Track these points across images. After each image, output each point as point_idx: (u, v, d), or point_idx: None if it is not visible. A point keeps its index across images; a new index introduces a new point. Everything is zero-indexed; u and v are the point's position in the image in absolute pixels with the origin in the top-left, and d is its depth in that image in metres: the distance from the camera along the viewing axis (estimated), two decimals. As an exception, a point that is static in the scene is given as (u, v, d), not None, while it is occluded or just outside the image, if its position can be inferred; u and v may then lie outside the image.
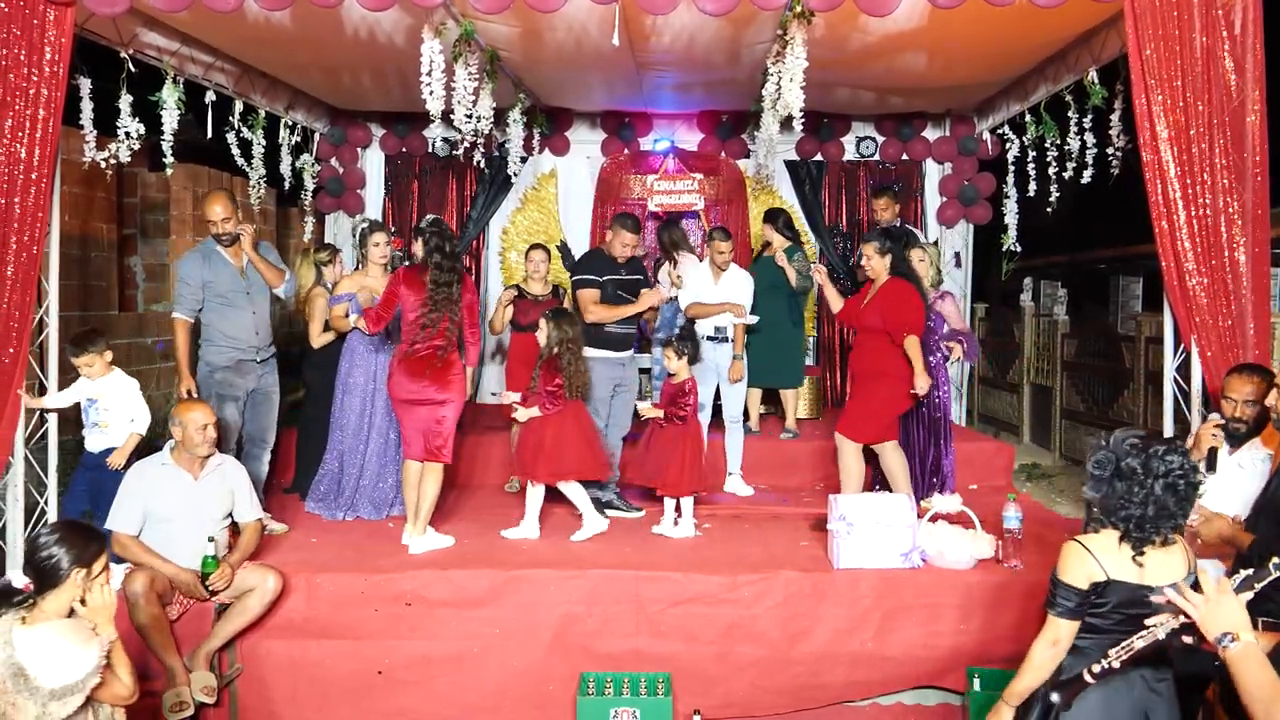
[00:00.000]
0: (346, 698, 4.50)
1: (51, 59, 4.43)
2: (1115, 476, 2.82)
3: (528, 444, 5.25)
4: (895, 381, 5.42)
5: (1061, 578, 2.88)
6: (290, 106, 7.63)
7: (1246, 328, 4.42)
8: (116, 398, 4.96)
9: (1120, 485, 2.81)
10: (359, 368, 5.72)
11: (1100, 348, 8.80)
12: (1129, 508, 2.79)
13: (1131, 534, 2.81)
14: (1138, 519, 2.79)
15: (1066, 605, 2.86)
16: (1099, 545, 2.87)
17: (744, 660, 4.52)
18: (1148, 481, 2.77)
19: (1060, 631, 2.88)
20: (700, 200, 8.77)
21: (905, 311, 5.37)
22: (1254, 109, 4.37)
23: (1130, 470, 2.79)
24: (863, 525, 4.64)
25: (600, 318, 5.69)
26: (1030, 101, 6.93)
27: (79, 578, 2.96)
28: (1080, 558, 2.86)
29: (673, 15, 4.85)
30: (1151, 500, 2.77)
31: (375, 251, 5.75)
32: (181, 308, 5.34)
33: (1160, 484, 2.76)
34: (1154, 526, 2.79)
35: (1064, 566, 2.90)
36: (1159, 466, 2.77)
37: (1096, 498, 2.89)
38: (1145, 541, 2.80)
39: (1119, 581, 2.82)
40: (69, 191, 7.03)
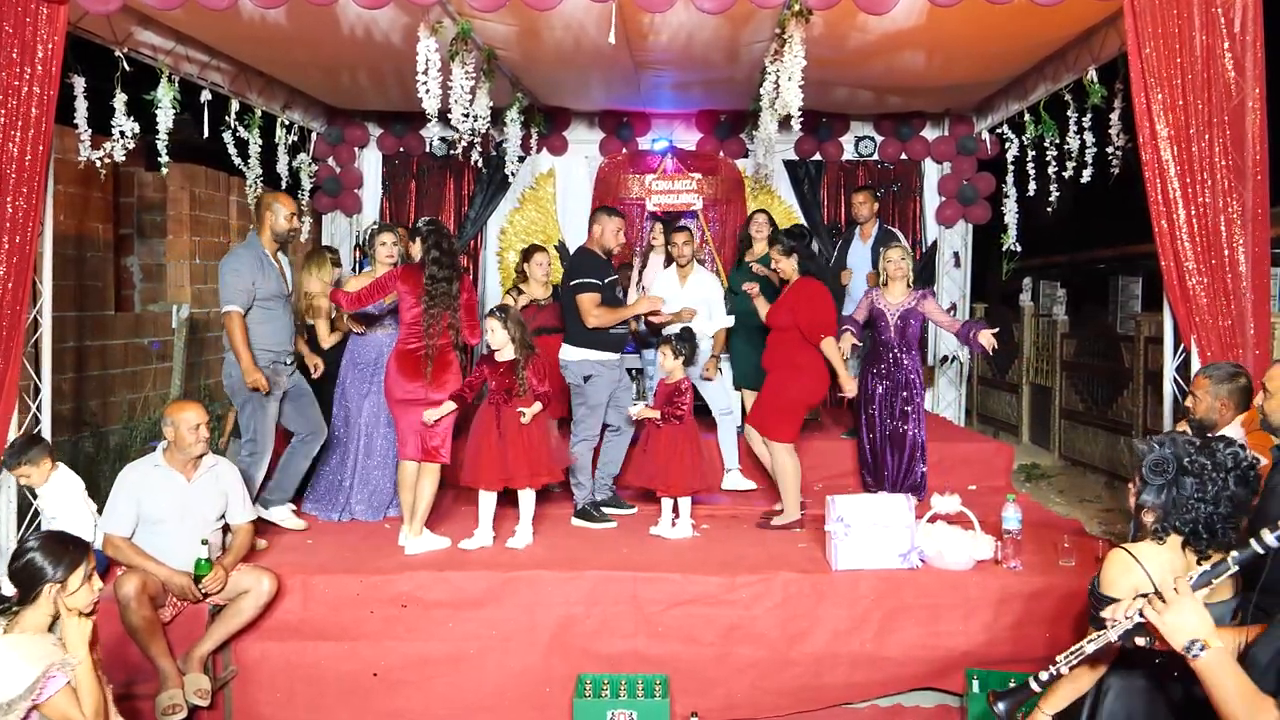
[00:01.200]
0: (342, 700, 4.47)
1: (44, 57, 4.41)
2: (1181, 475, 2.66)
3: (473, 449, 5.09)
4: (806, 379, 5.46)
5: (1104, 590, 2.71)
6: (287, 106, 7.61)
7: (1246, 328, 4.40)
8: (62, 503, 4.55)
9: (1189, 483, 2.65)
10: (358, 369, 5.70)
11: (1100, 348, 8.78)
12: (1199, 507, 2.63)
13: (1200, 536, 2.64)
14: (1207, 519, 2.63)
15: None
16: (1148, 554, 2.71)
17: (743, 661, 4.49)
18: (1219, 476, 2.62)
19: None
20: (699, 200, 8.76)
21: (815, 311, 5.40)
22: (1254, 108, 4.36)
23: (1199, 467, 2.64)
24: (861, 526, 4.62)
25: (603, 322, 5.61)
26: (1029, 101, 6.92)
27: (52, 593, 2.88)
28: (1126, 568, 2.70)
29: (670, 13, 4.83)
30: (1225, 496, 2.62)
31: (382, 251, 5.73)
32: (236, 300, 5.17)
33: (1233, 477, 2.62)
34: (1224, 526, 2.64)
35: (1108, 577, 2.73)
36: (1227, 459, 2.63)
37: (1158, 502, 2.71)
38: (1214, 544, 2.64)
39: None
40: (65, 191, 7.01)
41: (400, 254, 5.80)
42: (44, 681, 2.72)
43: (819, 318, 5.39)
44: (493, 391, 5.09)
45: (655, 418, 5.33)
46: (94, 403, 7.24)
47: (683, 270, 6.47)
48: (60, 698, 2.75)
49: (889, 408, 5.88)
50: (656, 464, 5.31)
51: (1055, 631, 4.43)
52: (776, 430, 5.48)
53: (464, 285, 5.14)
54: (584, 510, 5.64)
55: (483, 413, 5.13)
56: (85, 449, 6.96)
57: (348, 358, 5.76)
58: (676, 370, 5.40)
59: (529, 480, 5.11)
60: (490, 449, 5.01)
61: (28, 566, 2.91)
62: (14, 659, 2.74)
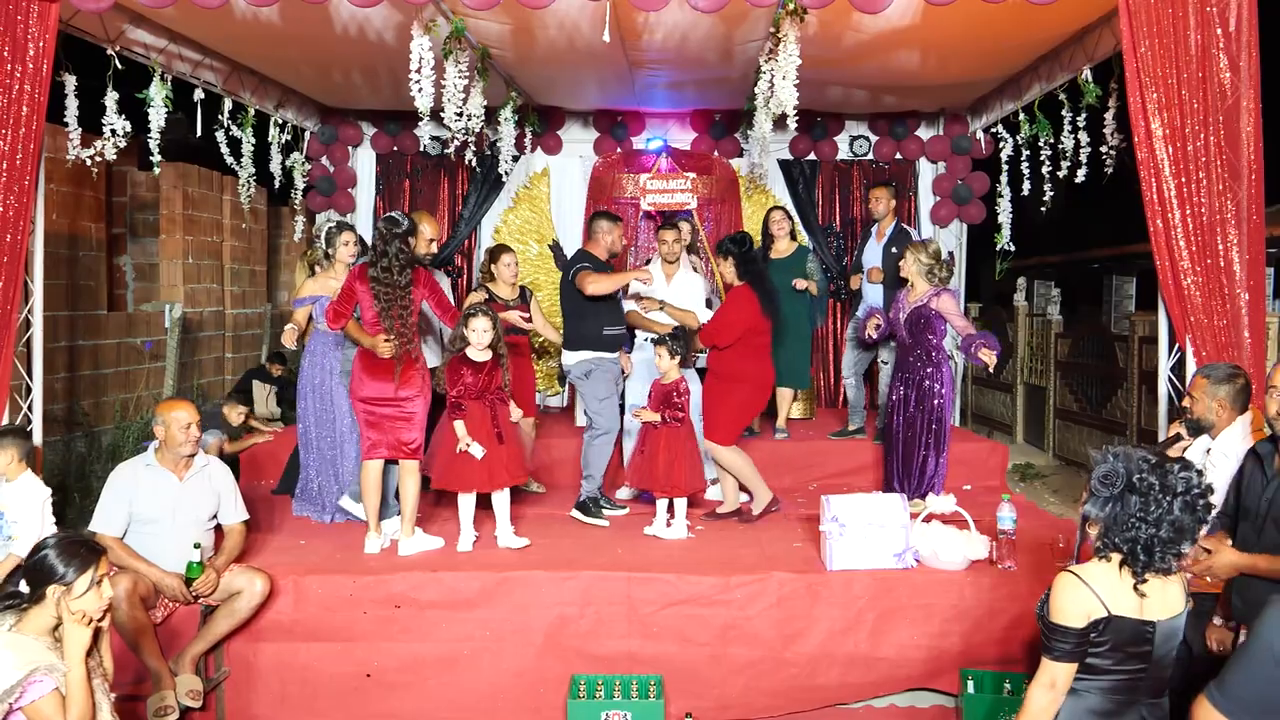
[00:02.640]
0: (335, 700, 4.45)
1: (35, 55, 4.39)
2: (1127, 492, 2.58)
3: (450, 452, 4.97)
4: (748, 388, 5.55)
5: (1055, 620, 2.63)
6: (280, 104, 7.59)
7: (1242, 327, 4.40)
8: (21, 507, 4.30)
9: (1134, 501, 2.57)
10: (320, 370, 5.64)
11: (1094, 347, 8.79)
12: (1140, 528, 2.56)
13: (1138, 558, 2.58)
14: (1146, 541, 2.56)
15: (1064, 648, 2.62)
16: (1096, 576, 2.63)
17: (737, 662, 4.48)
18: (1165, 499, 2.54)
19: (1058, 675, 2.63)
20: (693, 199, 8.73)
21: (720, 314, 5.53)
22: (1248, 107, 4.36)
23: (1146, 486, 2.55)
24: (855, 526, 4.61)
25: (601, 288, 5.61)
26: (1024, 100, 6.92)
27: (55, 595, 2.85)
28: (1075, 592, 2.62)
29: (664, 12, 4.82)
30: (1167, 520, 2.54)
31: (344, 251, 5.65)
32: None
33: (1179, 502, 2.54)
34: (1164, 551, 2.56)
35: (1057, 605, 2.63)
36: (1177, 483, 2.55)
37: (1101, 516, 2.64)
38: (1150, 568, 2.58)
39: (1120, 617, 2.59)
40: (57, 190, 6.99)
41: (359, 253, 5.75)
42: (26, 684, 2.69)
43: (716, 321, 5.52)
44: (479, 391, 4.99)
45: (655, 420, 5.31)
46: (86, 402, 7.22)
47: (669, 267, 6.47)
48: (44, 703, 2.72)
49: (904, 410, 5.79)
50: (657, 465, 5.29)
51: (1050, 631, 4.42)
52: (714, 434, 5.58)
53: (420, 280, 5.03)
54: (584, 504, 5.65)
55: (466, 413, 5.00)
56: (77, 449, 6.94)
57: (308, 360, 5.69)
58: (672, 370, 5.38)
59: (519, 478, 5.12)
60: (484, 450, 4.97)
61: (40, 564, 2.88)
62: (4, 657, 2.72)
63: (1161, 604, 2.62)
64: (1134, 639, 2.60)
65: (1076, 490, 7.86)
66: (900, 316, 5.75)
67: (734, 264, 5.59)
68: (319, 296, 5.59)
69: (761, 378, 5.61)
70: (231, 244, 9.20)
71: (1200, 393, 3.92)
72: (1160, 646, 2.65)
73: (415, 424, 5.02)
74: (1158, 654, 2.66)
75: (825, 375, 8.97)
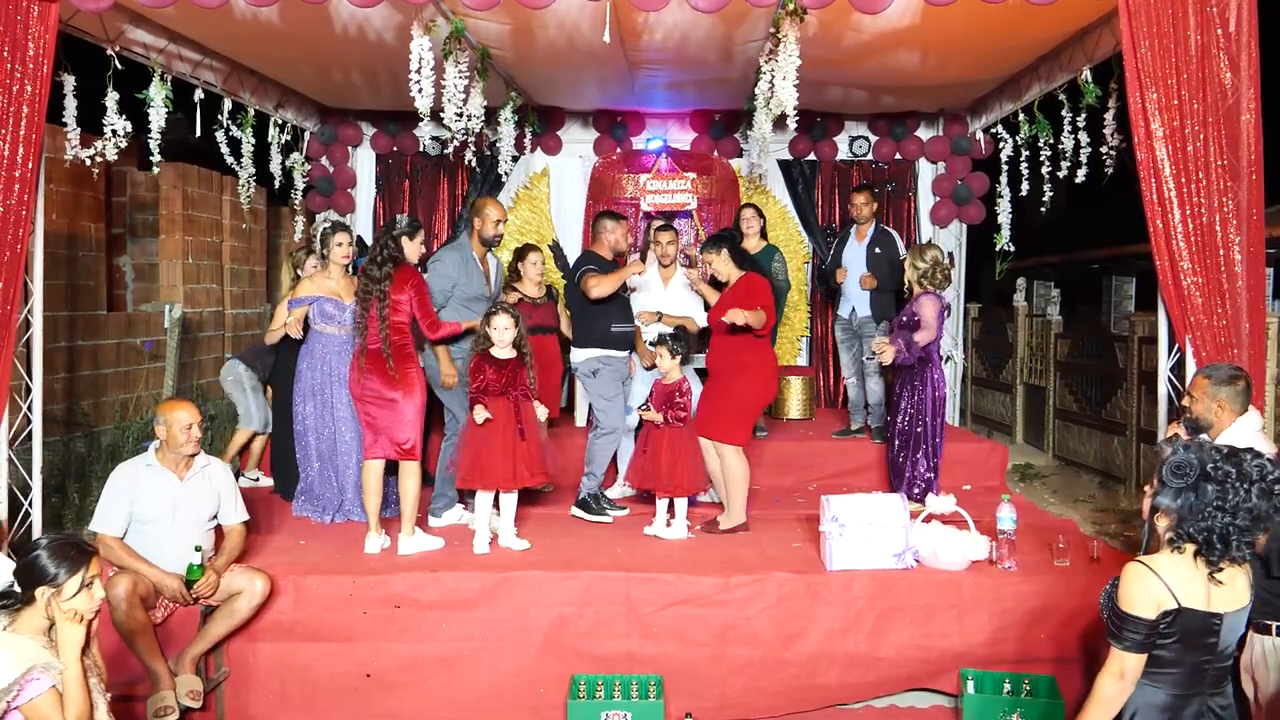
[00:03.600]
0: (335, 701, 4.46)
1: (35, 55, 4.38)
2: (1202, 481, 2.59)
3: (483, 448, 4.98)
4: (754, 379, 5.44)
5: (1127, 609, 2.63)
6: (280, 105, 7.59)
7: (1241, 327, 4.40)
8: None
9: (1210, 490, 2.58)
10: (316, 371, 5.64)
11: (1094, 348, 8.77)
12: (1216, 516, 2.56)
13: (1214, 547, 2.58)
14: (1223, 530, 2.56)
15: (1135, 638, 2.62)
16: (1167, 568, 2.63)
17: (737, 662, 4.48)
18: (1241, 487, 2.55)
19: (1127, 664, 2.64)
20: (693, 200, 8.74)
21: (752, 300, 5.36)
22: (1249, 107, 4.35)
23: (1223, 474, 2.56)
24: (855, 526, 4.61)
25: (604, 289, 5.62)
26: (1024, 100, 6.92)
27: (45, 596, 2.85)
28: (1146, 583, 2.62)
29: (664, 12, 4.82)
30: (1244, 508, 2.55)
31: (338, 252, 5.64)
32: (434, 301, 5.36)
33: (1256, 489, 2.55)
34: (1239, 539, 2.57)
35: (1128, 594, 2.64)
36: (1252, 471, 2.56)
37: (1174, 506, 2.64)
38: (1227, 556, 2.58)
39: (1189, 609, 2.60)
40: (57, 190, 6.98)
41: (355, 253, 5.79)
42: (23, 682, 2.69)
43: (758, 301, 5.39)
44: (501, 388, 4.99)
45: (658, 420, 5.30)
46: (86, 403, 7.21)
47: (665, 270, 6.47)
48: (42, 701, 2.72)
49: (898, 410, 5.78)
50: (660, 465, 5.29)
51: (1050, 632, 4.43)
52: (726, 433, 5.41)
53: (404, 280, 5.05)
54: (584, 501, 5.67)
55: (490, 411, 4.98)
56: (77, 449, 6.93)
57: (305, 361, 5.67)
58: (674, 370, 5.38)
59: (540, 478, 5.14)
60: (507, 447, 4.94)
61: (31, 565, 2.88)
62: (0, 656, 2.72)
63: (1230, 595, 2.63)
64: (1201, 631, 2.62)
65: (1076, 491, 7.85)
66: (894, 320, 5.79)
67: (729, 255, 5.53)
68: (316, 297, 5.58)
69: (766, 366, 5.49)
70: (231, 244, 9.20)
71: (1200, 393, 3.92)
72: (1225, 638, 2.67)
73: (407, 424, 5.02)
74: (1222, 645, 2.67)
75: (825, 375, 8.97)
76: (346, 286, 5.64)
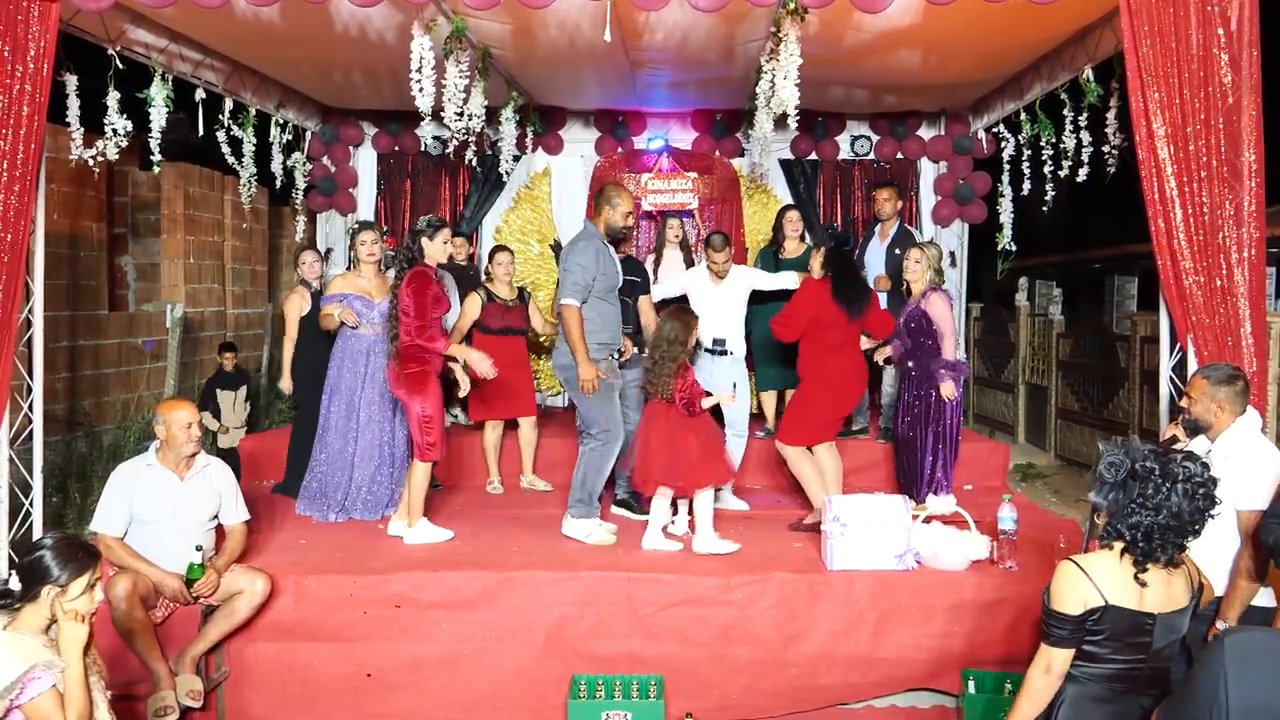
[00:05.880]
0: (336, 701, 4.45)
1: (36, 55, 4.37)
2: (1129, 478, 2.65)
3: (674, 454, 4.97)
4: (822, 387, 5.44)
5: (1053, 605, 2.71)
6: (281, 104, 7.59)
7: (1243, 326, 4.39)
8: None
9: (1134, 488, 2.64)
10: (347, 369, 5.66)
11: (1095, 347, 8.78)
12: (1139, 514, 2.62)
13: (1138, 545, 2.63)
14: (1146, 528, 2.62)
15: (1060, 634, 2.70)
16: (1096, 566, 2.69)
17: (738, 662, 4.48)
18: (1164, 486, 2.60)
19: (1054, 659, 2.72)
20: (694, 199, 8.74)
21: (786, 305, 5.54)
22: (1250, 107, 4.34)
23: (1146, 472, 2.62)
24: (857, 526, 4.61)
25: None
26: (1025, 100, 6.91)
27: (50, 595, 2.85)
28: (1074, 581, 2.69)
29: (665, 12, 4.81)
30: (1166, 508, 2.59)
31: (363, 250, 5.74)
32: (577, 295, 5.13)
33: (1179, 489, 2.59)
34: (1163, 539, 2.61)
35: (1056, 591, 2.72)
36: (1179, 471, 2.60)
37: (1104, 503, 2.71)
38: (1150, 557, 2.63)
39: (1117, 607, 2.65)
40: (58, 190, 6.99)
41: (382, 252, 5.82)
42: (25, 681, 2.69)
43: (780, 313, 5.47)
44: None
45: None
46: (87, 402, 7.22)
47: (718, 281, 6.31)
48: (43, 700, 2.72)
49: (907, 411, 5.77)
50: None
51: (1051, 632, 4.42)
52: (783, 432, 5.50)
53: (409, 280, 5.03)
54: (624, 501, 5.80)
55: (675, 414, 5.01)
56: (78, 449, 6.94)
57: (336, 359, 5.70)
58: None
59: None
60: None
61: (35, 564, 2.88)
62: (2, 655, 2.72)
63: (1164, 596, 2.66)
64: (1132, 629, 2.65)
65: (1078, 490, 7.85)
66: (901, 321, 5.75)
67: (824, 256, 5.50)
68: (346, 295, 5.61)
69: (835, 377, 5.43)
70: (233, 244, 9.21)
71: (1199, 393, 3.91)
72: (1160, 638, 2.69)
73: (415, 423, 5.06)
74: (1157, 645, 2.70)
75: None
76: (378, 285, 5.70)
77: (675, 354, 4.98)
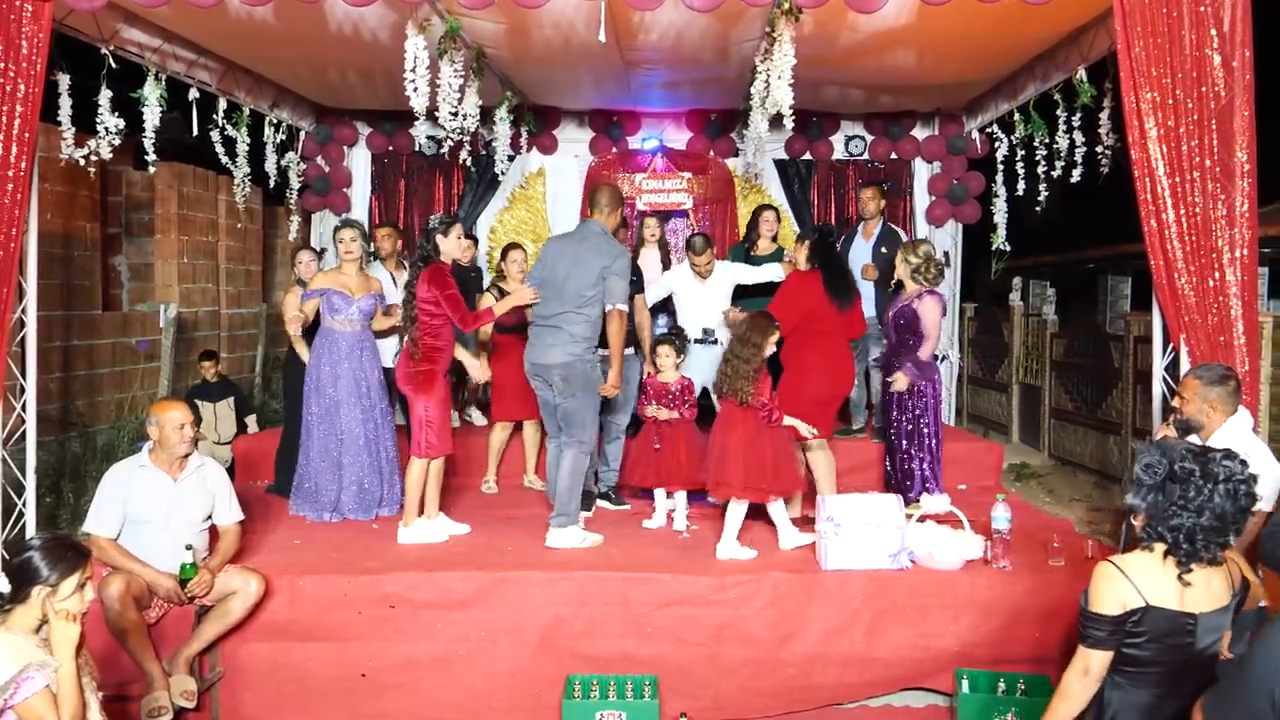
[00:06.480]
0: (330, 701, 4.45)
1: (29, 54, 4.36)
2: (1169, 480, 2.62)
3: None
4: (816, 378, 5.48)
5: (1091, 607, 2.67)
6: (275, 104, 7.57)
7: (1235, 326, 4.41)
8: None
9: (1175, 490, 2.60)
10: (325, 368, 5.64)
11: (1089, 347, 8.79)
12: (1182, 515, 2.58)
13: (1181, 546, 2.59)
14: (1189, 529, 2.58)
15: (1098, 635, 2.66)
16: (1136, 566, 2.65)
17: (732, 662, 4.48)
18: (1206, 487, 2.57)
19: (1091, 662, 2.68)
20: (689, 199, 8.75)
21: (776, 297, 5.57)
22: (1242, 108, 4.36)
23: (1187, 473, 2.58)
24: (850, 526, 4.61)
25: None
26: (1019, 100, 6.93)
27: (41, 596, 2.84)
28: (1113, 581, 2.65)
29: (660, 12, 4.82)
30: (1208, 508, 2.56)
31: (342, 248, 5.74)
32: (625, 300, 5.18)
33: (1221, 489, 2.56)
34: (1206, 540, 2.58)
35: (1095, 592, 2.67)
36: (1219, 471, 2.57)
37: (1142, 505, 2.67)
38: (1194, 557, 2.59)
39: (1157, 608, 2.62)
40: (51, 190, 6.97)
41: (362, 250, 5.81)
42: (19, 681, 2.68)
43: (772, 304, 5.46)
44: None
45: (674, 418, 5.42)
46: (81, 402, 7.20)
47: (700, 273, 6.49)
48: (37, 700, 2.71)
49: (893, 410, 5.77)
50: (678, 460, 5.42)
51: (1045, 631, 4.43)
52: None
53: (421, 281, 5.06)
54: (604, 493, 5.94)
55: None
56: (72, 449, 6.93)
57: (316, 358, 5.69)
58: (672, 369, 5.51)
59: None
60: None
61: (24, 565, 2.88)
62: None
63: (1205, 596, 2.63)
64: (1173, 630, 2.62)
65: (1072, 490, 7.87)
66: (890, 321, 5.76)
67: (809, 248, 5.56)
68: (325, 290, 5.61)
69: (828, 367, 5.48)
70: (227, 244, 9.19)
71: (1192, 394, 3.92)
72: (1203, 638, 2.65)
73: (419, 422, 5.09)
74: (1200, 646, 2.66)
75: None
76: (360, 282, 5.70)
77: (750, 356, 4.91)
